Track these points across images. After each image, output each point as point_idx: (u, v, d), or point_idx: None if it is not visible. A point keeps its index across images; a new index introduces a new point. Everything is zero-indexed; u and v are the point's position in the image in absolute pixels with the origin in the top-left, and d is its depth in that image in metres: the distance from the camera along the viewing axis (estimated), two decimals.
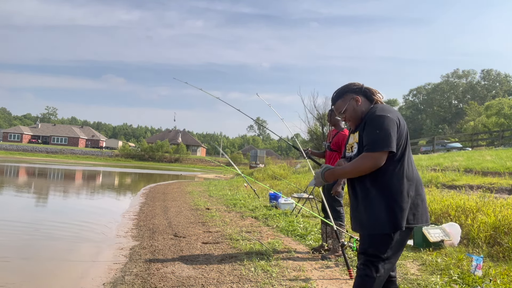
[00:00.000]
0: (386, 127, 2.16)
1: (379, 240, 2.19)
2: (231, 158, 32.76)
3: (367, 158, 2.16)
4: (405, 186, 2.19)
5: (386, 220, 2.16)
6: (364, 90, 2.39)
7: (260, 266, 4.25)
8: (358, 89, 2.40)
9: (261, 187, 13.68)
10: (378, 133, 2.15)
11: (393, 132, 2.15)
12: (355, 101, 2.37)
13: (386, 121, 2.18)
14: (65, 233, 6.48)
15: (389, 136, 2.14)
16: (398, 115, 2.25)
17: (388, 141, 2.13)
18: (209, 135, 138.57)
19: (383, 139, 2.13)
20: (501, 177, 9.31)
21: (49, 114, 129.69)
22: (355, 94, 2.39)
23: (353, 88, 2.42)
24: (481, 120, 39.06)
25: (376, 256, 2.19)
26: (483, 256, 4.11)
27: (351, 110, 2.38)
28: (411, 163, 2.27)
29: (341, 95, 2.43)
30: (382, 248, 2.19)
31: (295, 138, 6.64)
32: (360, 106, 2.36)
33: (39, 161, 45.81)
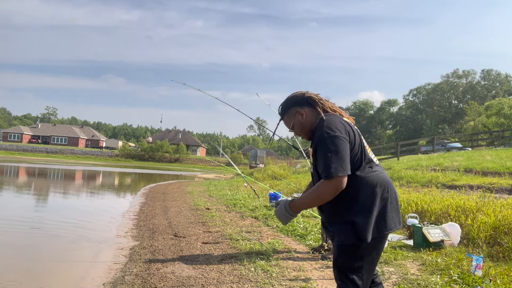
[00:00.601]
0: (337, 149, 2.02)
1: (347, 251, 2.09)
2: (231, 158, 32.74)
3: (326, 186, 2.02)
4: (368, 194, 2.08)
5: (350, 231, 2.07)
6: (307, 100, 2.24)
7: (260, 266, 4.25)
8: (300, 100, 2.25)
9: (261, 187, 13.68)
10: (331, 157, 2.01)
11: (345, 153, 2.03)
12: (300, 115, 2.23)
13: (336, 141, 2.04)
14: (65, 233, 6.48)
15: (343, 160, 2.01)
16: (347, 127, 2.13)
17: (343, 164, 2.00)
18: (209, 135, 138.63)
19: (338, 163, 2.00)
20: (501, 177, 9.31)
21: (49, 114, 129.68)
22: (298, 107, 2.24)
23: (296, 100, 2.26)
24: (481, 120, 39.06)
25: (347, 267, 2.10)
26: (483, 256, 4.11)
27: (298, 125, 2.26)
28: (372, 168, 2.15)
29: (285, 110, 2.28)
30: (351, 258, 2.09)
31: (295, 138, 6.64)
32: (306, 119, 2.23)
33: (39, 161, 45.82)
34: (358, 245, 2.06)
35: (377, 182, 2.11)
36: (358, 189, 2.09)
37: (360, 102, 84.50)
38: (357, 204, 2.08)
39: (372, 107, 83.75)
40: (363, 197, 2.08)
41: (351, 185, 2.07)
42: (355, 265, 2.09)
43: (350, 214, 2.08)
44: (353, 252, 2.08)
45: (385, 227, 2.11)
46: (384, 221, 2.11)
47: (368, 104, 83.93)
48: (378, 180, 2.12)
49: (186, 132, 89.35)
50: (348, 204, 2.09)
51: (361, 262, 2.09)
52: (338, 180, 1.99)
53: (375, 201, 2.09)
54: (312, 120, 2.22)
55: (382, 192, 2.12)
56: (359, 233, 2.05)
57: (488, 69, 71.01)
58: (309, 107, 2.23)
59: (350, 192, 2.08)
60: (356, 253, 2.08)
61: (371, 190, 2.10)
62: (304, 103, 2.24)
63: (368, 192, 2.09)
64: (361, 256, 2.08)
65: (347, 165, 2.02)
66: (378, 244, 2.14)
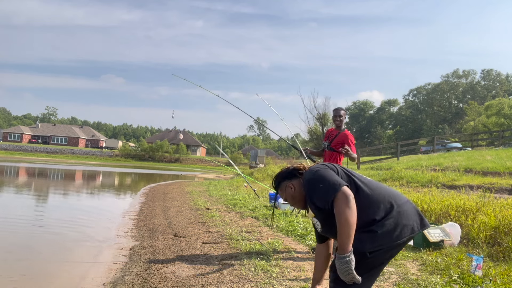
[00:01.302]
0: (323, 176, 2.12)
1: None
2: (231, 158, 32.76)
3: (339, 202, 2.01)
4: (364, 213, 2.10)
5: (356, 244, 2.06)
6: (292, 173, 2.35)
7: (260, 266, 4.25)
8: (287, 175, 2.36)
9: (261, 187, 13.68)
10: (322, 186, 2.09)
11: (332, 175, 2.12)
12: (290, 189, 2.32)
13: (318, 173, 2.15)
14: (65, 233, 6.48)
15: (333, 178, 2.09)
16: (328, 172, 2.18)
17: (336, 181, 2.07)
18: (209, 135, 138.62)
19: (330, 184, 2.07)
20: (501, 177, 9.31)
21: (49, 114, 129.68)
22: (288, 180, 2.33)
23: (284, 175, 2.37)
24: (481, 120, 39.07)
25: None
26: (483, 256, 4.11)
27: (290, 197, 2.34)
28: (367, 187, 2.19)
29: (278, 186, 2.41)
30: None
31: (295, 138, 6.65)
32: (296, 191, 2.30)
33: (39, 161, 45.83)
34: (361, 257, 2.05)
35: (374, 199, 2.15)
36: (361, 206, 2.09)
37: (360, 102, 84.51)
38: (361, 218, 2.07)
39: (372, 107, 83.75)
40: (360, 215, 2.06)
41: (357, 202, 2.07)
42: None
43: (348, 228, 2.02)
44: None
45: (396, 238, 2.10)
46: (393, 233, 2.10)
47: (368, 104, 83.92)
48: (374, 197, 2.16)
49: (186, 132, 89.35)
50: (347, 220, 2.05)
51: (360, 272, 2.05)
52: (342, 191, 2.02)
53: (375, 217, 2.11)
54: (300, 190, 2.28)
55: (384, 206, 2.14)
56: (355, 246, 2.02)
57: (488, 69, 71.07)
58: (296, 180, 2.31)
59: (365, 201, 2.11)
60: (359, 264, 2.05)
61: (368, 206, 2.12)
62: (292, 176, 2.33)
63: (364, 210, 2.10)
64: (360, 266, 2.05)
65: (338, 180, 2.07)
66: (381, 256, 2.13)
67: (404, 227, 2.13)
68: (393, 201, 2.17)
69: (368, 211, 2.12)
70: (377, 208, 2.13)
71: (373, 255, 2.08)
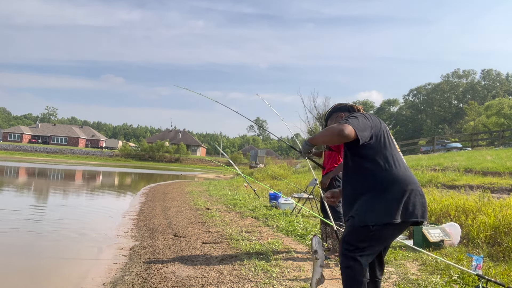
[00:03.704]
0: (356, 116, 2.35)
1: (357, 231, 2.30)
2: (231, 158, 32.76)
3: (337, 125, 2.27)
4: (387, 184, 2.30)
5: (364, 214, 2.28)
6: (348, 108, 2.69)
7: (260, 266, 4.25)
8: (343, 107, 2.73)
9: (261, 187, 13.68)
10: (351, 119, 2.33)
11: (362, 122, 2.30)
12: (340, 118, 2.64)
13: (357, 114, 2.41)
14: (65, 233, 6.48)
15: (359, 123, 2.28)
16: (377, 120, 2.42)
17: (354, 123, 2.26)
18: (209, 135, 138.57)
19: (352, 121, 2.29)
20: (501, 177, 9.31)
21: (49, 114, 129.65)
22: (340, 112, 2.71)
23: (338, 107, 2.76)
24: (481, 120, 39.07)
25: (352, 245, 2.30)
26: (483, 256, 4.11)
27: None
28: (396, 162, 2.37)
29: (330, 115, 2.77)
30: (358, 238, 2.30)
31: (295, 138, 6.64)
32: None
33: (39, 161, 45.83)
34: (371, 227, 2.26)
35: (400, 177, 2.33)
36: (381, 176, 2.32)
37: (360, 102, 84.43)
38: (378, 190, 2.30)
39: (372, 107, 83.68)
40: (384, 185, 2.30)
41: (374, 171, 2.32)
42: (360, 245, 2.30)
43: (371, 198, 2.30)
44: (362, 233, 2.29)
45: (407, 215, 2.28)
46: (406, 211, 2.29)
47: (368, 104, 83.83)
48: (400, 174, 2.34)
49: (186, 132, 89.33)
50: (370, 188, 2.32)
51: (366, 244, 2.30)
52: (345, 126, 2.22)
53: (395, 191, 2.29)
54: None
55: (404, 185, 2.31)
56: (374, 217, 2.26)
57: (488, 69, 71.01)
58: (347, 112, 2.63)
59: (372, 177, 2.33)
60: (365, 234, 2.28)
61: (394, 181, 2.31)
62: (344, 110, 2.69)
63: (390, 182, 2.30)
64: (368, 238, 2.29)
65: (358, 126, 2.25)
66: (389, 231, 2.33)
67: (413, 210, 2.30)
68: (410, 185, 2.32)
69: (387, 184, 2.30)
70: (394, 185, 2.29)
71: (376, 228, 2.27)
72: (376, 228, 2.26)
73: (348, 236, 2.33)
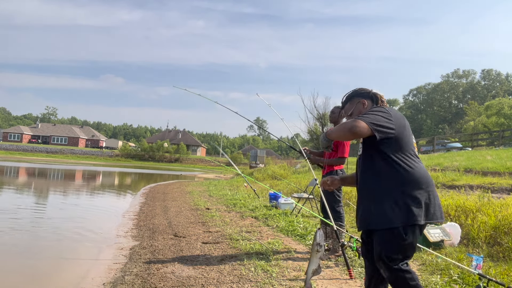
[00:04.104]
0: (376, 112, 2.29)
1: (395, 234, 2.21)
2: (231, 158, 32.77)
3: (351, 121, 2.24)
4: (410, 184, 2.24)
5: (402, 213, 2.21)
6: (371, 95, 2.54)
7: (260, 266, 4.25)
8: (365, 93, 2.56)
9: (261, 187, 13.68)
10: (370, 113, 2.29)
11: (379, 118, 2.24)
12: (361, 104, 2.53)
13: (379, 109, 2.33)
14: (65, 233, 6.47)
15: (378, 118, 2.23)
16: (399, 115, 2.34)
17: (370, 118, 2.22)
18: (209, 135, 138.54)
19: (369, 116, 2.24)
20: (501, 177, 9.30)
21: (49, 114, 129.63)
22: (362, 98, 2.55)
23: (361, 92, 2.57)
24: (481, 120, 39.06)
25: (390, 257, 2.21)
26: (483, 256, 4.11)
27: (357, 113, 2.51)
28: (417, 160, 2.33)
29: (350, 98, 2.60)
30: (394, 247, 2.22)
31: (295, 138, 6.63)
32: (366, 109, 2.49)
33: (39, 161, 45.82)
34: (408, 228, 2.20)
35: (422, 176, 2.29)
36: (404, 176, 2.25)
37: None
38: (401, 190, 2.24)
39: None
40: (408, 185, 2.24)
41: (397, 170, 2.26)
42: (404, 252, 2.23)
43: (393, 198, 2.23)
44: (401, 236, 2.20)
45: (427, 217, 2.25)
46: (427, 211, 2.25)
47: None
48: (423, 175, 2.30)
49: (186, 132, 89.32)
50: (392, 188, 2.25)
51: (407, 247, 2.24)
52: (358, 122, 2.18)
53: (424, 188, 2.25)
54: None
55: (427, 185, 2.28)
56: (410, 215, 2.19)
57: (488, 69, 71.02)
58: (370, 101, 2.54)
59: (395, 177, 2.26)
60: (405, 237, 2.20)
61: (420, 178, 2.27)
62: (368, 96, 2.55)
63: (419, 182, 2.26)
64: (410, 241, 2.21)
65: (376, 122, 2.20)
66: (412, 233, 2.24)
67: (434, 211, 2.28)
68: (430, 186, 2.29)
69: (409, 184, 2.24)
70: (416, 185, 2.25)
71: (407, 230, 2.20)
72: (403, 230, 2.20)
73: (385, 249, 2.23)
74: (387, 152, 2.27)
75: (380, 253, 2.23)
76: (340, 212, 4.83)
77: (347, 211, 8.42)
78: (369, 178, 2.36)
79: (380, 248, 2.25)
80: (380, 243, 2.25)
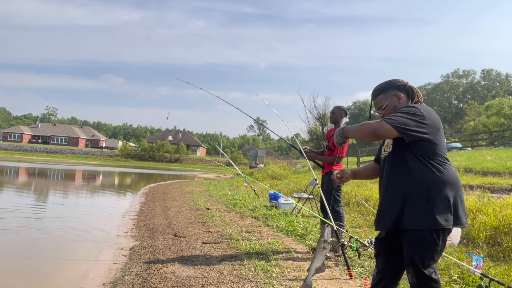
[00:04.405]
0: (406, 114, 2.15)
1: (428, 239, 2.14)
2: (231, 158, 32.76)
3: (375, 122, 2.16)
4: (441, 187, 2.17)
5: (423, 219, 2.14)
6: (408, 89, 2.37)
7: (260, 266, 4.25)
8: (402, 86, 2.37)
9: (261, 187, 13.68)
10: (399, 115, 2.16)
11: (414, 123, 2.12)
12: (397, 98, 2.35)
13: (411, 110, 2.17)
14: (65, 233, 6.48)
15: (407, 122, 2.12)
16: (434, 117, 2.22)
17: (398, 121, 2.11)
18: (209, 135, 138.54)
19: (396, 119, 2.13)
20: (501, 177, 9.31)
21: (49, 114, 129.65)
22: (398, 91, 2.36)
23: (397, 84, 2.38)
24: (481, 120, 39.07)
25: (427, 264, 2.14)
26: (483, 256, 4.11)
27: (391, 107, 2.36)
28: (448, 162, 2.28)
29: (384, 90, 2.40)
30: (431, 252, 2.15)
31: (295, 138, 6.63)
32: (401, 104, 2.34)
33: (39, 161, 45.82)
34: (440, 232, 2.14)
35: (453, 179, 2.22)
36: (436, 178, 2.17)
37: (360, 102, 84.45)
38: (443, 189, 2.16)
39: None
40: (448, 184, 2.17)
41: (429, 172, 2.17)
42: (435, 257, 2.16)
43: (437, 197, 2.15)
44: (434, 240, 2.13)
45: (456, 221, 2.18)
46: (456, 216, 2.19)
47: (368, 104, 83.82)
48: (453, 177, 2.23)
49: (186, 132, 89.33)
50: (434, 186, 2.16)
51: (439, 252, 2.18)
52: (387, 126, 2.11)
53: (454, 192, 2.18)
54: (400, 108, 2.30)
55: (457, 188, 2.21)
56: (443, 218, 2.12)
57: (488, 69, 71.09)
58: (406, 95, 2.37)
59: (427, 179, 2.16)
60: (437, 241, 2.14)
61: (452, 181, 2.20)
62: (404, 90, 2.37)
63: (451, 185, 2.18)
64: (440, 246, 2.15)
65: (404, 126, 2.11)
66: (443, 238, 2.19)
67: (462, 215, 2.22)
68: (460, 189, 2.24)
69: (444, 187, 2.16)
70: (447, 188, 2.18)
71: (439, 234, 2.14)
72: (436, 234, 2.14)
73: (418, 252, 2.14)
74: (420, 153, 2.17)
75: (413, 257, 2.14)
76: (340, 212, 4.83)
77: (347, 211, 8.42)
78: (400, 177, 2.22)
79: (412, 252, 2.15)
80: (411, 246, 2.16)
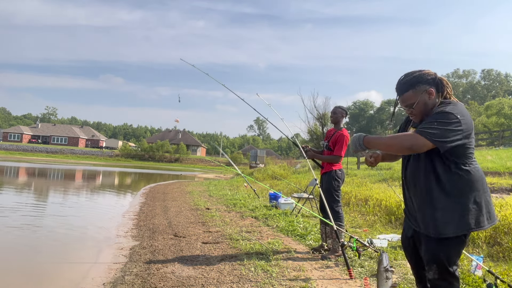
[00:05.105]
0: (444, 123, 1.98)
1: (453, 242, 2.07)
2: (231, 158, 32.77)
3: (410, 136, 2.02)
4: (478, 186, 2.10)
5: (463, 220, 2.06)
6: (437, 82, 2.15)
7: (260, 266, 4.25)
8: (431, 80, 2.15)
9: (261, 187, 13.68)
10: (436, 126, 1.98)
11: (451, 133, 1.97)
12: (428, 94, 2.13)
13: (448, 118, 1.99)
14: (65, 233, 6.48)
15: (444, 133, 1.96)
16: (468, 119, 2.07)
17: (439, 136, 1.96)
18: (209, 135, 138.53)
19: (434, 133, 1.97)
20: (501, 177, 9.31)
21: (49, 114, 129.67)
22: (428, 85, 2.13)
23: (428, 78, 2.14)
24: (481, 120, 39.04)
25: (450, 261, 2.08)
26: (483, 256, 4.11)
27: (422, 104, 2.14)
28: (476, 161, 2.19)
29: (414, 85, 2.15)
30: (455, 253, 2.10)
31: (295, 138, 6.63)
32: (432, 100, 2.14)
33: (39, 161, 45.82)
34: (466, 235, 2.08)
35: (482, 179, 2.13)
36: (467, 179, 2.08)
37: (360, 102, 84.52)
38: (473, 191, 2.07)
39: (372, 107, 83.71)
40: (477, 185, 2.09)
41: (462, 172, 2.08)
42: (455, 259, 2.10)
43: (456, 203, 2.06)
44: (463, 241, 2.08)
45: (489, 220, 2.10)
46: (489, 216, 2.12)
47: (368, 104, 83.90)
48: (481, 177, 2.14)
49: (186, 132, 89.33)
50: (464, 189, 2.07)
51: (459, 255, 2.12)
52: (423, 141, 1.98)
53: (482, 191, 2.11)
54: (434, 103, 2.14)
55: (484, 187, 2.13)
56: (471, 222, 2.04)
57: (488, 69, 71.11)
58: (436, 90, 2.15)
59: (467, 178, 2.08)
60: (465, 242, 2.09)
61: (480, 181, 2.12)
62: (434, 83, 2.15)
63: (479, 184, 2.11)
64: (461, 248, 2.11)
65: (441, 140, 1.97)
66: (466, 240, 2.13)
67: (493, 215, 2.14)
68: (486, 187, 2.16)
69: (474, 189, 2.08)
70: (477, 188, 2.10)
71: (467, 235, 2.10)
72: (465, 237, 2.06)
73: (445, 253, 2.06)
74: (451, 157, 2.07)
75: (438, 256, 2.07)
76: (339, 212, 4.84)
77: (347, 211, 8.43)
78: (428, 180, 2.11)
79: (437, 249, 2.08)
80: (438, 245, 2.09)
